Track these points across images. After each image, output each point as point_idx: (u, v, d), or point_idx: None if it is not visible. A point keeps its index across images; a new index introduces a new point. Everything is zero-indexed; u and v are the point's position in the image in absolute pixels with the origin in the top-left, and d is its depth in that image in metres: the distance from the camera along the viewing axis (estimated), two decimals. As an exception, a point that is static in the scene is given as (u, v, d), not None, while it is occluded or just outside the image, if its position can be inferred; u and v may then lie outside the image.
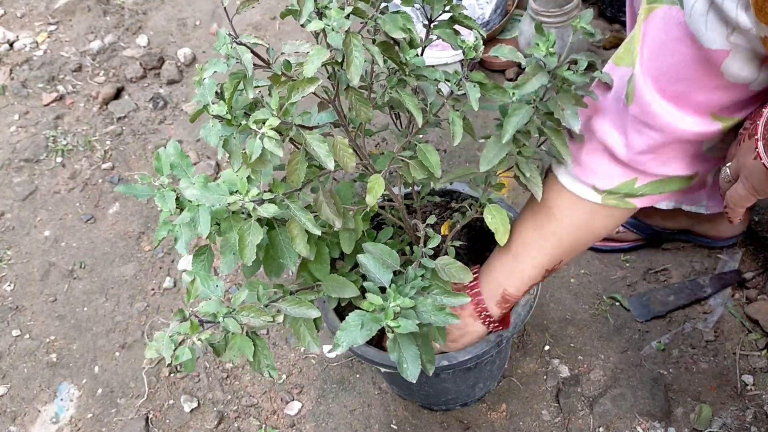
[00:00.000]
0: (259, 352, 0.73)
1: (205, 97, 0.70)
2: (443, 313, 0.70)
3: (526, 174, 0.81)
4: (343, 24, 0.62)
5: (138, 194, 0.75)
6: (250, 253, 0.70)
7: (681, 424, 1.22)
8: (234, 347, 0.70)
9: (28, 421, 1.39)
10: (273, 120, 0.64)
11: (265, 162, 0.67)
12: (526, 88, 0.73)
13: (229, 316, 0.68)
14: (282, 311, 0.74)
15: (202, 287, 0.69)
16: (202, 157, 1.81)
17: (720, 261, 1.41)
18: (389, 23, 0.67)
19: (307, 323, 0.80)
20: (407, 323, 0.65)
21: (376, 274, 0.73)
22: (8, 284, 1.61)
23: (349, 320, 0.66)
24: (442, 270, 0.81)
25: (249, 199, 0.67)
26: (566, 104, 0.74)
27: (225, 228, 0.72)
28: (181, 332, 0.65)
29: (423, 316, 0.70)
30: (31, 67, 2.08)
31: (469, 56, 0.72)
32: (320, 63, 0.62)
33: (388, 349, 0.70)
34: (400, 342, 0.70)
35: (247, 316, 0.69)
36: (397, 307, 0.66)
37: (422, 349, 0.78)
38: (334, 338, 0.67)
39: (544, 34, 0.72)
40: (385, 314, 0.66)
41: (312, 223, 0.73)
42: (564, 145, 0.80)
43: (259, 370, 0.74)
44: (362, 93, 0.73)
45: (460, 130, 0.76)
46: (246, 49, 0.64)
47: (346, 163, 0.72)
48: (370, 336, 0.66)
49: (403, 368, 0.70)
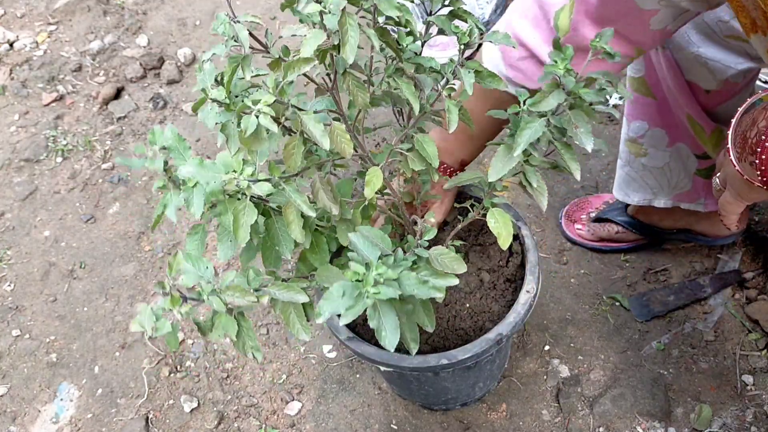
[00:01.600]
0: (244, 333, 0.73)
1: (205, 82, 0.70)
2: (427, 287, 0.69)
3: (533, 184, 0.81)
4: (339, 3, 0.62)
5: (133, 165, 0.76)
6: (245, 233, 0.70)
7: (681, 424, 1.22)
8: (218, 327, 0.70)
9: (28, 421, 1.39)
10: (269, 97, 0.64)
11: (261, 140, 0.67)
12: (542, 106, 0.73)
13: (213, 294, 0.68)
14: (269, 294, 0.74)
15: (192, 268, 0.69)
16: (202, 156, 1.81)
17: (720, 261, 1.41)
18: (384, 2, 0.67)
19: (297, 309, 0.79)
20: (387, 290, 0.65)
21: (364, 252, 0.72)
22: (8, 284, 1.61)
23: (331, 290, 0.66)
24: (436, 260, 0.80)
25: (244, 178, 0.67)
26: (580, 122, 0.74)
27: (221, 210, 0.72)
28: (164, 307, 0.65)
29: (406, 288, 0.69)
30: (31, 67, 2.08)
31: (463, 41, 0.72)
32: (317, 44, 0.63)
33: (368, 316, 0.69)
34: (380, 309, 0.69)
35: (232, 295, 0.69)
36: (379, 276, 0.66)
37: (406, 326, 0.78)
38: (317, 307, 0.67)
39: (562, 50, 0.72)
40: (365, 282, 0.65)
41: (307, 205, 0.73)
42: (574, 160, 0.79)
43: (243, 350, 0.74)
44: (359, 78, 0.73)
45: (456, 117, 0.76)
46: (243, 27, 0.65)
47: (343, 149, 0.72)
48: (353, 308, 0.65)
49: (382, 336, 0.69)
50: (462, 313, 1.07)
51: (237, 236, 0.71)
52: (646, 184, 1.29)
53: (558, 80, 0.72)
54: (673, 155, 1.20)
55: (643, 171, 1.26)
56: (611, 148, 1.65)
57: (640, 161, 1.24)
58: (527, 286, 1.00)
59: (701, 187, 1.24)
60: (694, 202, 1.28)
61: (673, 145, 1.18)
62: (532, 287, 1.00)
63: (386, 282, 0.66)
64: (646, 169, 1.25)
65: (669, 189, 1.27)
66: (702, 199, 1.27)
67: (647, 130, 1.18)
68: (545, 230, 1.53)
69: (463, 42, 0.73)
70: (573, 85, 0.71)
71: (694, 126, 1.12)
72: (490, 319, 1.06)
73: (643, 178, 1.28)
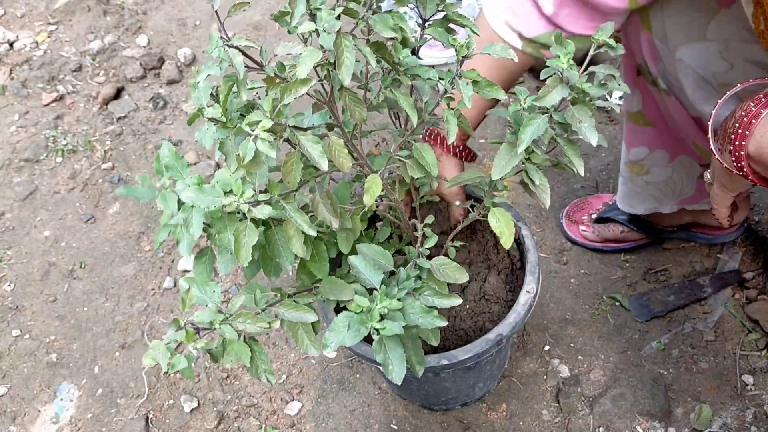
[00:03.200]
0: (257, 357, 0.74)
1: (200, 100, 0.70)
2: (431, 315, 0.70)
3: (536, 182, 0.81)
4: (334, 25, 0.62)
5: (139, 197, 0.75)
6: (246, 254, 0.70)
7: (681, 424, 1.22)
8: (231, 353, 0.71)
9: (28, 421, 1.39)
10: (266, 122, 0.64)
11: (259, 163, 0.67)
12: (546, 101, 0.72)
13: (225, 323, 0.68)
14: (279, 316, 0.74)
15: (198, 294, 0.69)
16: (201, 157, 1.81)
17: (720, 261, 1.41)
18: (380, 23, 0.67)
19: (305, 327, 0.80)
20: (393, 325, 0.66)
21: (366, 276, 0.73)
22: (8, 284, 1.61)
23: (337, 321, 0.67)
24: (438, 270, 0.80)
25: (244, 201, 0.67)
26: (584, 116, 0.74)
27: (220, 229, 0.72)
28: (177, 339, 0.65)
29: (410, 317, 0.70)
30: (31, 67, 2.08)
31: (461, 54, 0.72)
32: (312, 64, 0.63)
33: (374, 350, 0.70)
34: (386, 344, 0.70)
35: (244, 322, 0.69)
36: (383, 309, 0.66)
37: (411, 351, 0.78)
38: (323, 338, 0.68)
39: (563, 45, 0.71)
40: (370, 316, 0.66)
41: (307, 224, 0.73)
42: (577, 156, 0.79)
43: (256, 375, 0.74)
44: (356, 93, 0.73)
45: (455, 128, 0.76)
46: (237, 52, 0.64)
47: (342, 164, 0.72)
48: (359, 338, 0.66)
49: (389, 370, 0.70)
50: (462, 314, 1.07)
51: (238, 257, 0.70)
52: (650, 196, 1.29)
53: (561, 75, 0.72)
54: (675, 168, 1.20)
55: (647, 186, 1.26)
56: (611, 147, 1.65)
57: (642, 179, 1.25)
58: (527, 286, 1.00)
59: (705, 191, 1.24)
60: (698, 202, 1.28)
61: (675, 160, 1.18)
62: (532, 287, 1.00)
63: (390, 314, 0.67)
64: (649, 185, 1.26)
65: (674, 197, 1.27)
66: (707, 198, 1.27)
67: (648, 154, 1.19)
68: (545, 230, 1.53)
69: (461, 55, 0.73)
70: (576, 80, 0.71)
71: (701, 150, 1.12)
72: (490, 320, 1.06)
73: (646, 191, 1.28)
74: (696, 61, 0.93)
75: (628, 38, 1.03)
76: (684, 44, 0.93)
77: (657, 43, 0.96)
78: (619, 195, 1.35)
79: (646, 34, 0.97)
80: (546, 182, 0.81)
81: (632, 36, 1.01)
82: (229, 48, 0.64)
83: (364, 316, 0.66)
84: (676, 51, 0.94)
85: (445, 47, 0.78)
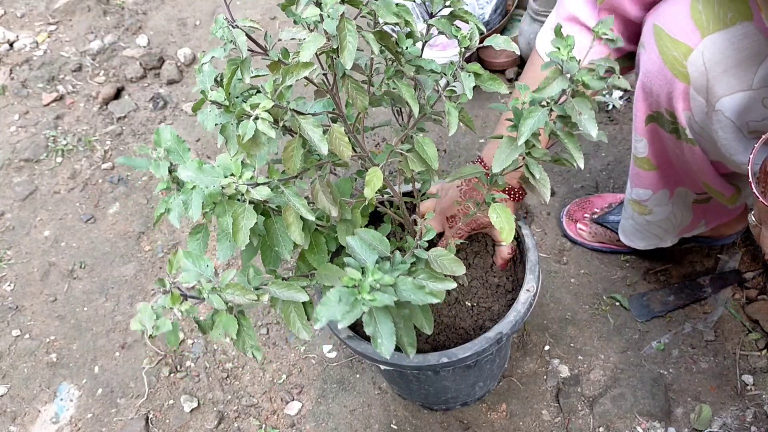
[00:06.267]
0: (244, 332, 0.74)
1: (204, 83, 0.70)
2: (423, 292, 0.69)
3: (536, 176, 0.81)
4: (338, 9, 0.63)
5: (136, 165, 0.76)
6: (244, 237, 0.70)
7: (681, 424, 1.22)
8: (219, 326, 0.71)
9: (28, 421, 1.39)
10: (267, 102, 0.64)
11: (259, 144, 0.67)
12: (546, 92, 0.73)
13: (214, 292, 0.68)
14: (271, 294, 0.74)
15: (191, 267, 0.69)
16: (202, 156, 1.81)
17: (720, 261, 1.41)
18: (383, 8, 0.67)
19: (297, 308, 0.80)
20: (383, 296, 0.65)
21: (361, 255, 0.72)
22: (8, 284, 1.61)
23: (328, 295, 0.66)
24: (435, 261, 0.80)
25: (243, 182, 0.67)
26: (583, 109, 0.74)
27: (219, 212, 0.73)
28: (165, 305, 0.65)
29: (402, 293, 0.69)
30: (31, 67, 2.08)
31: (463, 44, 0.72)
32: (316, 48, 0.63)
33: (364, 323, 0.69)
34: (376, 316, 0.68)
35: (233, 293, 0.69)
36: (375, 282, 0.66)
37: (403, 331, 0.78)
38: (315, 312, 0.67)
39: (563, 37, 0.72)
40: (361, 288, 0.65)
41: (306, 209, 0.73)
42: (577, 149, 0.79)
43: (243, 349, 0.74)
44: (358, 81, 0.73)
45: (456, 120, 0.76)
46: (241, 31, 0.65)
47: (342, 152, 0.72)
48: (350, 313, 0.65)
49: (378, 343, 0.69)
50: (462, 313, 1.07)
51: (236, 239, 0.71)
52: (652, 234, 1.30)
53: (561, 67, 0.72)
54: (675, 203, 1.20)
55: (648, 225, 1.28)
56: (611, 147, 1.65)
57: (644, 218, 1.26)
58: (527, 285, 1.00)
59: (700, 213, 1.24)
60: (695, 228, 1.29)
61: (674, 194, 1.19)
62: (532, 286, 1.00)
63: (382, 288, 0.66)
64: (651, 224, 1.27)
65: (674, 230, 1.28)
66: (702, 221, 1.27)
67: (651, 195, 1.19)
68: (545, 230, 1.53)
69: (464, 45, 0.73)
70: (576, 72, 0.71)
71: (711, 190, 1.13)
72: (490, 318, 1.06)
73: (648, 230, 1.29)
74: (735, 111, 0.90)
75: (650, 89, 0.99)
76: (728, 95, 0.89)
77: (693, 94, 0.92)
78: (621, 229, 1.36)
79: (682, 86, 0.93)
80: (546, 176, 0.81)
81: (658, 87, 0.97)
82: (234, 28, 0.64)
83: (355, 289, 0.66)
84: (716, 102, 0.90)
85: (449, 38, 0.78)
